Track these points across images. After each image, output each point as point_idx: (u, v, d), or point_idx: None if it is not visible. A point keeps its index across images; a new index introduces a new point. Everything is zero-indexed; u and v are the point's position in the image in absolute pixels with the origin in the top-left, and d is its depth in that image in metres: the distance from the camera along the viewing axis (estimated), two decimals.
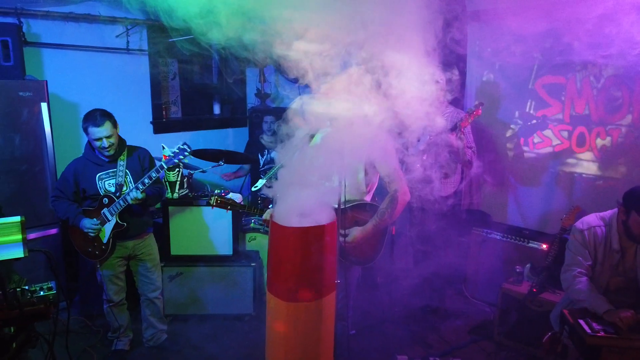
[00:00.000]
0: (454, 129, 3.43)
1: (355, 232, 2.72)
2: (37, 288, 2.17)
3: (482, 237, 4.18)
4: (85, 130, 3.03)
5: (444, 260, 3.97)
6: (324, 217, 2.04)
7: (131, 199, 3.06)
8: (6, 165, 3.54)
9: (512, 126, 4.21)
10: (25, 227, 2.00)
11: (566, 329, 2.58)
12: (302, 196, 2.09)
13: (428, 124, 3.08)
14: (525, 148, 4.14)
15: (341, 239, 2.64)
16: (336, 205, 2.24)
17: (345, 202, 2.54)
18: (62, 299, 3.61)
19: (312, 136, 2.85)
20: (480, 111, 3.38)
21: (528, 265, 3.63)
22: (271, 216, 2.10)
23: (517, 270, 3.57)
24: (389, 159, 2.74)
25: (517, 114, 4.17)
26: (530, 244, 3.91)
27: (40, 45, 4.15)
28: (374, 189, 2.95)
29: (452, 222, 3.82)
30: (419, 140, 3.44)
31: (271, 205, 2.90)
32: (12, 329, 2.72)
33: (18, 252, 1.96)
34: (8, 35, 3.53)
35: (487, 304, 4.11)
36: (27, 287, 2.16)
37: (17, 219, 1.99)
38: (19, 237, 1.99)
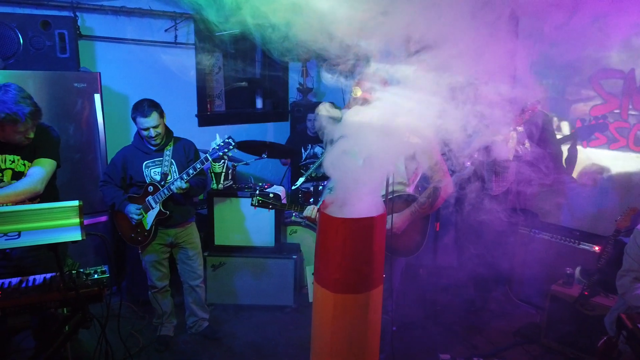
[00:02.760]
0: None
1: (394, 218, 2.70)
2: (92, 271, 2.24)
3: (530, 237, 4.04)
4: (134, 120, 3.12)
5: (489, 260, 3.87)
6: (373, 209, 2.01)
7: (175, 188, 3.12)
8: (61, 153, 3.67)
9: (564, 123, 4.05)
10: (82, 212, 2.06)
11: (623, 334, 2.46)
12: (352, 188, 2.07)
13: (481, 120, 3.01)
14: (578, 146, 3.98)
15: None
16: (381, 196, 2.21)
17: (387, 192, 2.52)
18: (112, 283, 3.74)
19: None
20: (537, 108, 3.27)
21: (579, 268, 3.49)
22: (320, 207, 2.09)
23: (568, 272, 3.44)
24: (431, 151, 2.71)
25: (570, 110, 4.00)
26: (582, 246, 3.75)
27: (94, 39, 4.30)
28: (417, 180, 2.91)
29: (498, 220, 3.72)
30: (470, 136, 3.36)
31: (312, 199, 2.90)
32: (66, 310, 2.84)
33: (76, 235, 2.01)
34: (64, 28, 3.66)
35: (533, 306, 3.98)
36: (82, 270, 2.23)
37: (76, 203, 2.05)
38: (77, 220, 2.04)
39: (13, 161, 2.48)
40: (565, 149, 4.08)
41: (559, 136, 4.10)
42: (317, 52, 2.16)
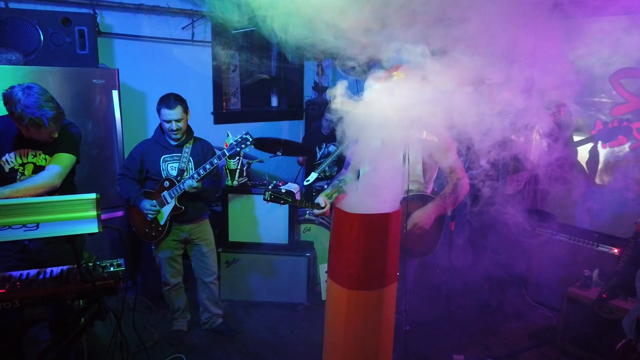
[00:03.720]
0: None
1: (418, 213, 2.67)
2: (108, 264, 2.26)
3: (546, 238, 3.98)
4: (158, 111, 3.17)
5: (504, 261, 3.82)
6: (389, 205, 2.00)
7: (187, 187, 3.14)
8: (80, 149, 3.73)
9: (584, 122, 3.98)
10: (99, 204, 2.08)
11: None
12: (367, 184, 2.06)
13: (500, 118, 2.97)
14: (597, 146, 3.91)
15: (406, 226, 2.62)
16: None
17: (406, 191, 2.50)
18: (127, 278, 3.78)
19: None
20: (562, 112, 3.23)
21: (597, 270, 3.43)
22: (335, 202, 2.09)
23: (585, 274, 3.38)
24: (448, 149, 2.69)
25: (590, 110, 3.94)
26: (600, 248, 3.68)
27: (113, 36, 4.35)
28: (433, 180, 2.89)
29: (514, 221, 3.67)
30: (486, 135, 3.33)
31: (324, 194, 2.89)
32: (82, 302, 2.88)
33: (93, 228, 2.04)
34: (84, 25, 3.70)
35: (549, 308, 3.92)
36: (98, 263, 2.26)
37: (93, 195, 2.07)
38: (94, 213, 2.06)
39: (35, 155, 2.52)
40: (585, 150, 4.01)
41: (578, 137, 4.04)
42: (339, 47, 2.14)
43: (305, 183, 2.83)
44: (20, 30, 3.50)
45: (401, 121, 1.96)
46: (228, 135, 3.75)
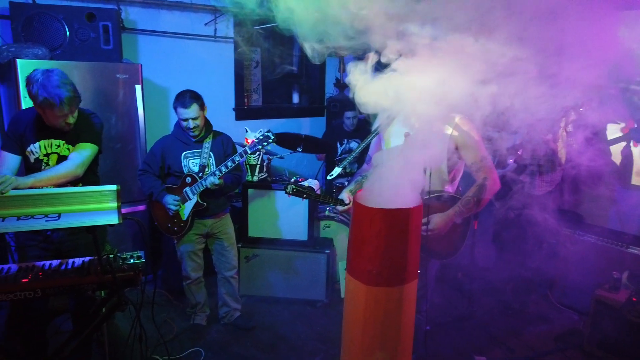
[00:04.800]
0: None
1: (436, 219, 2.60)
2: (128, 256, 2.28)
3: (574, 239, 3.86)
4: (175, 109, 3.16)
5: (529, 262, 3.73)
6: (410, 200, 1.95)
7: (209, 184, 3.14)
8: (103, 142, 3.78)
9: (615, 123, 3.84)
10: (120, 196, 2.09)
11: None
12: (388, 179, 2.02)
13: (528, 116, 2.88)
14: (630, 146, 3.77)
15: (422, 227, 2.54)
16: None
17: (426, 192, 2.44)
18: (148, 271, 3.82)
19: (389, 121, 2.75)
20: (580, 113, 3.13)
21: (627, 272, 3.31)
22: (355, 197, 2.05)
23: (615, 276, 3.26)
24: (475, 146, 2.59)
25: (622, 109, 3.80)
26: (630, 250, 3.56)
27: (136, 32, 4.39)
28: (459, 178, 2.80)
29: (541, 221, 3.57)
30: (515, 133, 3.25)
31: (347, 190, 2.85)
32: (103, 293, 2.91)
33: (113, 219, 2.04)
34: (108, 21, 3.75)
35: (575, 311, 3.81)
36: (119, 255, 2.27)
37: (114, 187, 2.08)
38: (115, 204, 2.08)
39: (59, 145, 2.55)
40: (617, 150, 3.88)
41: (611, 136, 3.90)
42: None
43: (329, 178, 2.80)
44: (46, 26, 3.56)
45: (433, 107, 1.89)
46: (247, 131, 3.76)
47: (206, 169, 3.26)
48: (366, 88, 1.92)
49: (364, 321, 2.01)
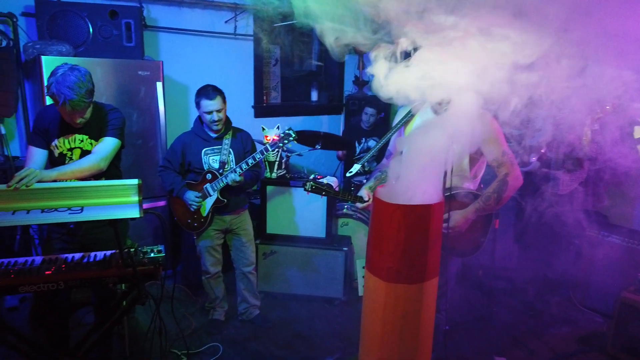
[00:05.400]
0: None
1: (455, 216, 2.56)
2: (148, 250, 2.30)
3: (598, 239, 3.78)
4: (197, 104, 3.18)
5: (552, 262, 3.65)
6: (431, 197, 1.93)
7: (230, 181, 3.16)
8: (125, 138, 3.82)
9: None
10: (141, 190, 2.11)
11: None
12: (408, 175, 1.99)
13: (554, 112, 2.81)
14: None
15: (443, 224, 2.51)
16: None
17: (447, 189, 2.40)
18: (167, 266, 3.85)
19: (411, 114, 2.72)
20: (607, 112, 3.05)
21: None
22: (374, 193, 2.03)
23: None
24: (497, 141, 2.54)
25: None
26: None
27: (158, 29, 4.44)
28: (480, 175, 2.76)
29: (564, 221, 3.50)
30: (539, 131, 3.19)
31: (367, 187, 2.83)
32: (123, 287, 2.94)
33: (134, 212, 2.07)
34: (131, 18, 3.79)
35: (599, 313, 3.72)
36: (140, 248, 2.30)
37: (135, 181, 2.10)
38: (136, 198, 2.10)
39: (82, 140, 2.59)
40: None
41: (638, 135, 3.80)
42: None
43: (348, 175, 2.79)
44: (70, 23, 3.62)
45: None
46: (264, 130, 3.76)
47: (226, 166, 3.28)
48: (394, 76, 1.88)
49: (383, 318, 2.00)
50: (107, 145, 2.56)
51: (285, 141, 3.26)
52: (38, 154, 2.58)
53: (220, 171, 3.25)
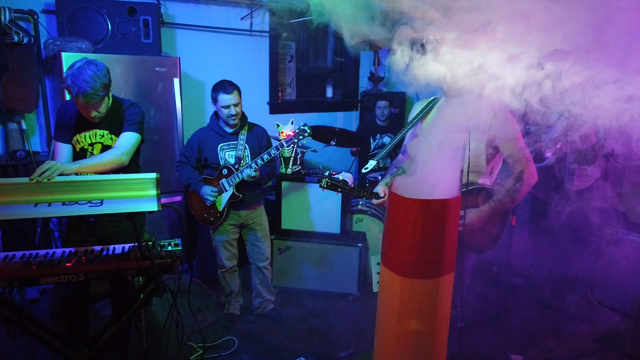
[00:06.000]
0: None
1: (471, 215, 2.55)
2: (166, 243, 2.34)
3: (617, 238, 3.72)
4: (214, 99, 3.21)
5: (569, 260, 3.61)
6: (447, 191, 1.92)
7: (246, 176, 3.18)
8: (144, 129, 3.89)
9: None
10: (159, 184, 2.14)
11: None
12: (425, 169, 1.99)
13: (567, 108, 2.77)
14: None
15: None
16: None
17: (463, 185, 2.38)
18: (184, 260, 3.90)
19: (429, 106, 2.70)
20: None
21: None
22: (390, 187, 2.03)
23: None
24: (514, 136, 2.51)
25: None
26: None
27: (175, 26, 4.47)
28: (497, 171, 2.73)
29: (581, 218, 3.46)
30: (550, 127, 3.16)
31: (383, 183, 2.82)
32: (141, 280, 2.99)
33: (152, 206, 2.09)
34: (148, 15, 3.84)
35: (617, 312, 3.67)
36: (157, 242, 2.33)
37: (154, 175, 2.13)
38: (154, 192, 2.12)
39: (102, 135, 2.63)
40: None
41: None
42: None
43: (363, 171, 2.78)
44: (90, 20, 3.67)
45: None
46: (278, 126, 3.78)
47: (242, 161, 3.30)
48: (420, 63, 1.87)
49: (398, 313, 2.00)
50: (128, 139, 2.59)
51: (300, 137, 3.27)
52: (64, 148, 2.63)
53: (236, 166, 3.27)
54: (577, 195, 3.50)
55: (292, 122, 3.67)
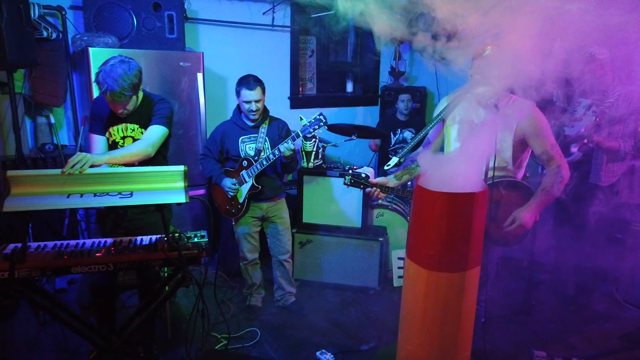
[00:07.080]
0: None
1: (522, 214, 2.54)
2: (192, 235, 2.38)
3: None
4: (238, 92, 3.24)
5: (594, 257, 3.55)
6: (474, 185, 1.91)
7: (285, 149, 3.16)
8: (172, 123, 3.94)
9: None
10: (187, 177, 2.18)
11: None
12: (452, 163, 1.98)
13: (594, 102, 2.74)
14: None
15: (506, 226, 2.55)
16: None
17: (492, 177, 2.37)
18: (209, 252, 3.95)
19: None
20: None
21: None
22: (417, 181, 2.03)
23: None
24: (545, 134, 2.51)
25: None
26: None
27: (198, 21, 4.52)
28: (525, 165, 2.72)
29: (607, 214, 3.40)
30: (575, 123, 3.11)
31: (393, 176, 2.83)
32: (166, 271, 3.04)
33: (180, 198, 2.13)
34: (173, 10, 3.88)
35: None
36: (184, 234, 2.37)
37: (182, 168, 2.17)
38: (182, 184, 2.17)
39: (133, 130, 2.70)
40: None
41: None
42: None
43: (386, 168, 2.78)
44: (115, 16, 3.73)
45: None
46: (301, 119, 3.78)
47: (262, 153, 3.34)
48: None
49: (424, 306, 2.00)
50: (155, 132, 2.64)
51: (316, 126, 3.24)
52: (99, 140, 2.71)
53: (256, 158, 3.31)
54: (604, 190, 3.44)
55: (300, 118, 3.68)
